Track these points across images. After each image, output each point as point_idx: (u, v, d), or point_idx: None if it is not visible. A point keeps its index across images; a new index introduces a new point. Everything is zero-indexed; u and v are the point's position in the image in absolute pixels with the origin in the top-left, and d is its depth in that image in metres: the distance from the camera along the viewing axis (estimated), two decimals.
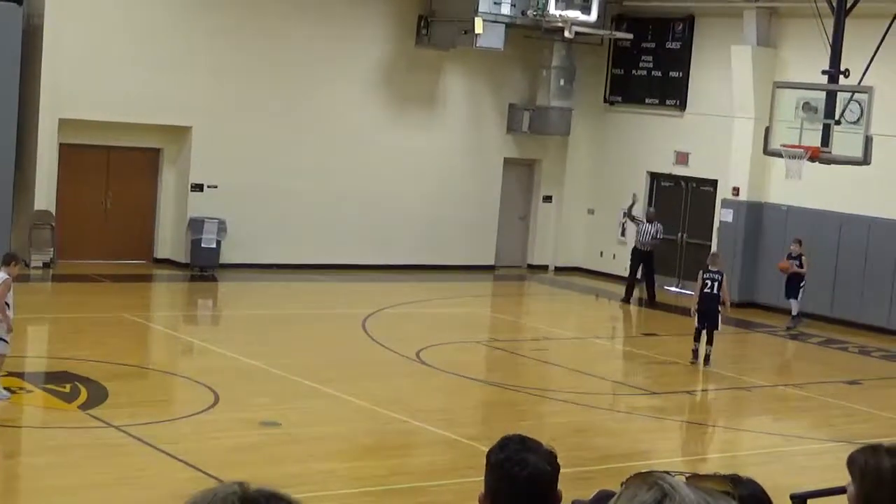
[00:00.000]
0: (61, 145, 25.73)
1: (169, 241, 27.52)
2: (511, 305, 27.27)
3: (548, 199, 31.80)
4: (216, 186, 27.08)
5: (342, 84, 28.33)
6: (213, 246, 26.82)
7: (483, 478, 4.05)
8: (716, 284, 20.70)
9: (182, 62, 26.41)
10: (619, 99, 30.86)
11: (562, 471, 4.03)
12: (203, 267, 26.81)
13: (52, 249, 25.83)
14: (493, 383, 18.84)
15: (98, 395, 15.49)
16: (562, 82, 30.10)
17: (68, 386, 15.73)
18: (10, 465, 13.32)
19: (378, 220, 28.93)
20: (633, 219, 27.72)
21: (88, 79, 25.37)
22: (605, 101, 31.13)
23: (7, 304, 14.83)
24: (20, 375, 16.48)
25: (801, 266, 25.00)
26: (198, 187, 27.15)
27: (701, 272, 21.07)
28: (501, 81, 30.42)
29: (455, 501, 12.76)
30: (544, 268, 31.50)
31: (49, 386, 16.05)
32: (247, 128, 27.21)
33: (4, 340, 14.91)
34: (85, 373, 16.39)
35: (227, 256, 26.95)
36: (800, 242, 25.15)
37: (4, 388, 14.99)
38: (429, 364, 19.14)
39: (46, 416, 15.02)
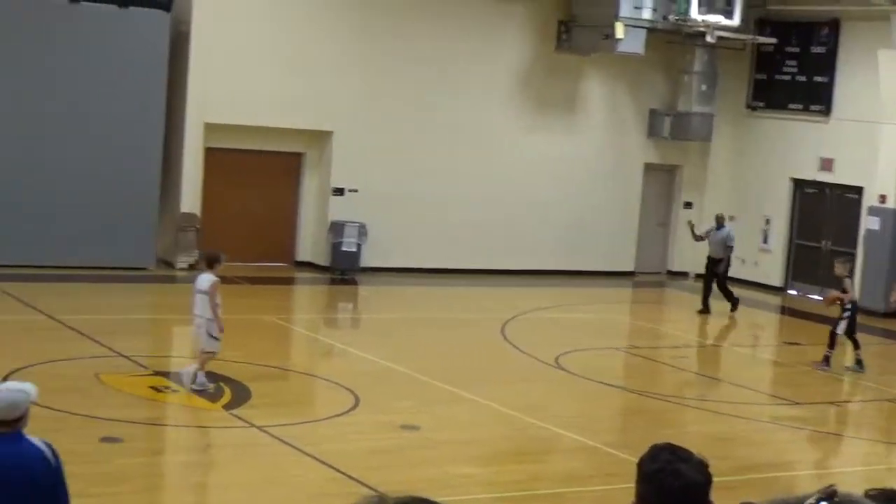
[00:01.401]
0: (206, 149, 26.20)
1: (310, 245, 27.85)
2: (650, 312, 27.04)
3: (688, 205, 31.48)
4: (357, 190, 27.33)
5: (482, 89, 28.38)
6: (354, 249, 27.06)
7: (634, 487, 4.01)
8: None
9: (325, 67, 26.70)
10: (762, 104, 30.42)
11: None
12: (343, 270, 27.07)
13: (196, 251, 26.29)
14: (633, 390, 18.69)
15: (241, 396, 15.71)
16: (703, 87, 29.79)
17: (212, 386, 15.99)
18: (156, 463, 13.58)
19: (517, 225, 28.91)
20: (701, 238, 26.55)
21: (233, 84, 25.80)
22: (748, 106, 30.70)
23: (218, 304, 15.49)
24: (166, 375, 16.80)
25: (844, 292, 21.04)
26: (339, 191, 27.43)
27: None
28: (642, 86, 30.21)
29: None
30: (684, 274, 31.17)
31: (193, 385, 16.32)
32: (388, 132, 27.41)
33: (216, 338, 15.56)
34: (229, 373, 16.64)
35: (367, 260, 27.18)
36: (844, 263, 21.84)
37: (199, 389, 15.55)
38: (568, 370, 19.07)
39: (191, 416, 15.28)
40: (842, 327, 20.70)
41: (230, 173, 26.90)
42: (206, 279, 15.70)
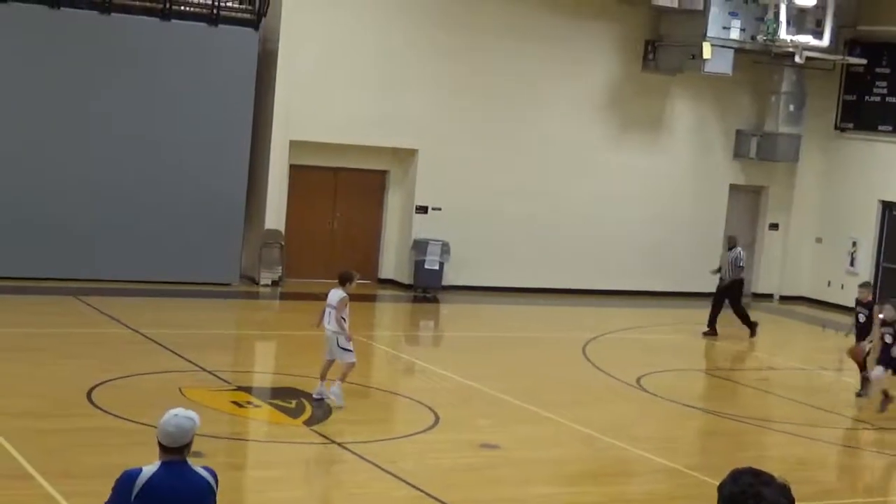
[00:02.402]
0: (291, 166, 26.41)
1: (393, 262, 27.95)
2: (734, 333, 26.77)
3: (774, 226, 31.19)
4: (440, 209, 27.40)
5: (567, 107, 28.34)
6: (436, 267, 27.11)
7: None
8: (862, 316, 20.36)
9: (410, 85, 26.82)
10: (851, 125, 30.07)
11: None
12: (426, 288, 27.12)
13: (280, 268, 26.50)
14: (714, 412, 18.52)
15: (322, 412, 15.79)
16: (791, 108, 29.52)
17: (294, 402, 16.08)
18: (236, 477, 13.68)
19: (601, 244, 28.82)
20: (718, 270, 25.82)
21: (319, 101, 25.99)
22: (836, 127, 30.37)
23: (343, 318, 16.01)
24: (248, 390, 16.93)
25: (868, 319, 19.96)
26: (422, 209, 27.51)
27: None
28: (729, 106, 30.00)
29: None
30: (769, 296, 30.87)
31: (275, 401, 16.44)
32: (472, 150, 27.45)
33: (349, 350, 16.11)
34: (310, 389, 16.72)
35: (449, 278, 27.21)
36: (869, 286, 21.39)
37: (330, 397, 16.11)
38: (649, 391, 18.94)
39: (272, 431, 15.37)
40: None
41: (315, 190, 27.09)
42: (336, 295, 16.22)
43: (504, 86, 27.63)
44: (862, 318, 20.08)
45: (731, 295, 25.35)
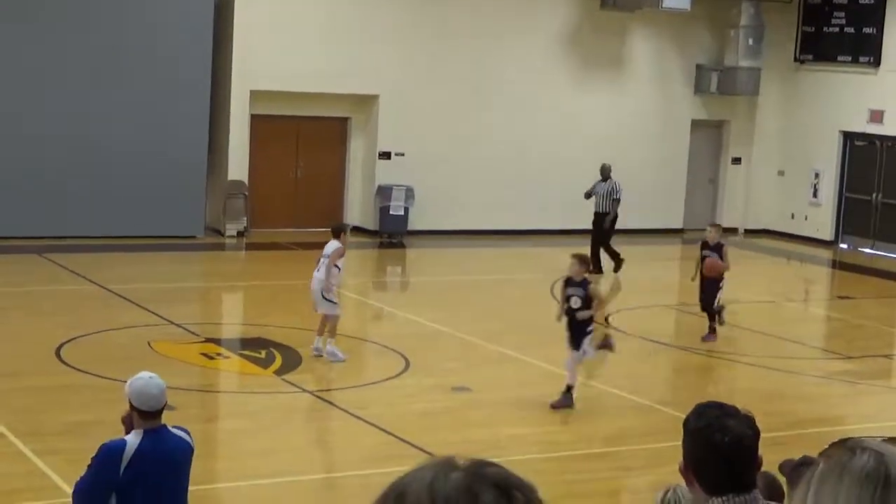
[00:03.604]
0: (252, 116, 26.27)
1: (358, 209, 27.90)
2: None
3: (737, 160, 31.28)
4: (403, 154, 27.34)
5: (526, 49, 28.25)
6: (401, 213, 27.09)
7: (681, 446, 4.01)
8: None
9: (368, 31, 26.66)
10: (811, 57, 30.10)
11: None
12: (391, 234, 27.11)
13: (245, 218, 26.42)
14: (683, 348, 18.64)
15: (292, 361, 15.79)
16: (750, 42, 29.52)
17: (264, 352, 16.09)
18: (209, 430, 13.68)
19: (563, 185, 28.81)
20: (588, 195, 24.91)
21: (278, 50, 25.81)
22: (796, 59, 30.40)
23: (337, 266, 15.85)
24: (217, 342, 16.93)
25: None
26: (385, 155, 27.44)
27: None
28: (688, 42, 29.97)
29: (646, 466, 12.69)
30: (734, 230, 30.99)
31: (245, 352, 16.43)
32: (432, 95, 27.36)
33: (334, 302, 15.85)
34: (279, 339, 16.73)
35: (414, 223, 27.19)
36: (718, 227, 19.51)
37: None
38: (617, 329, 19.03)
39: (243, 382, 15.38)
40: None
41: (276, 140, 26.97)
42: (332, 245, 16.01)
43: (463, 28, 27.50)
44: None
45: (602, 229, 24.34)
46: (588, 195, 24.75)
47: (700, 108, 30.58)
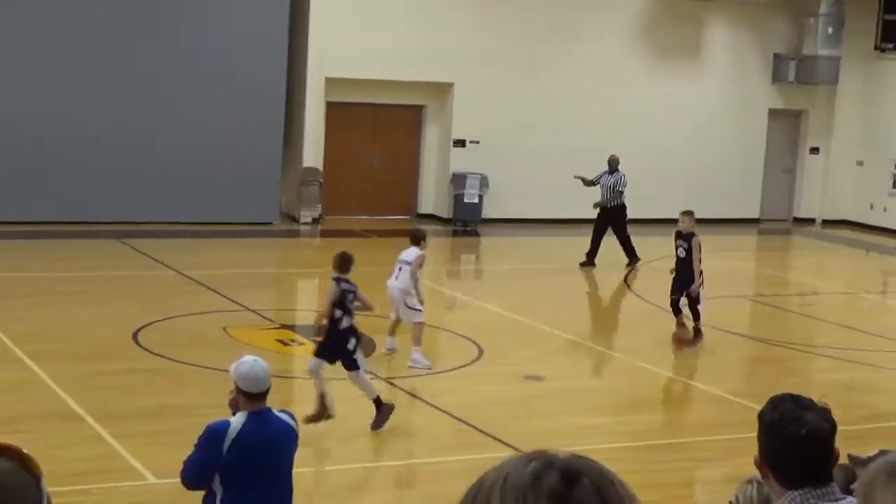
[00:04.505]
0: (328, 103, 26.37)
1: (432, 197, 27.93)
2: (776, 259, 26.69)
3: (815, 150, 30.95)
4: (478, 142, 27.33)
5: (602, 38, 28.12)
6: (476, 201, 27.09)
7: (756, 438, 3.98)
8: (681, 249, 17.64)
9: (445, 18, 26.66)
10: (891, 46, 29.68)
11: None
12: (465, 222, 27.11)
13: (319, 205, 26.53)
14: (759, 339, 18.48)
15: (366, 348, 15.80)
16: (830, 30, 29.17)
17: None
18: None
19: (639, 173, 28.64)
20: (593, 183, 23.88)
21: (354, 37, 25.89)
22: (876, 48, 29.99)
23: (417, 277, 15.12)
24: (292, 328, 17.02)
25: (689, 253, 17.59)
26: (460, 143, 27.45)
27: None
28: (766, 30, 29.68)
29: (719, 458, 12.60)
30: (811, 221, 30.69)
31: (319, 338, 16.47)
32: (507, 83, 27.32)
33: (417, 310, 15.03)
34: (358, 323, 16.75)
35: (489, 211, 27.18)
36: (690, 214, 18.21)
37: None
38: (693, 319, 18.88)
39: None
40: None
41: (352, 127, 27.06)
42: (412, 252, 15.17)
43: (539, 17, 27.42)
44: (682, 253, 17.61)
45: (615, 223, 23.50)
46: (591, 184, 23.83)
47: (777, 97, 30.28)
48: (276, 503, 7.08)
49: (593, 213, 27.91)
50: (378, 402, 12.47)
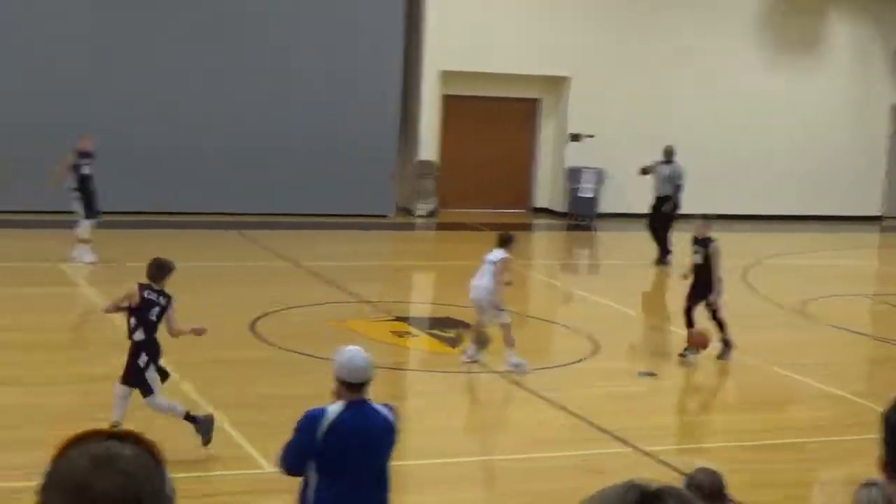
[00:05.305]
0: (444, 96, 26.42)
1: (547, 191, 27.85)
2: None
3: None
4: (594, 136, 27.17)
5: (720, 30, 27.81)
6: (591, 195, 26.94)
7: (880, 440, 3.87)
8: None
9: (560, 13, 26.57)
10: None
11: None
12: (580, 216, 26.98)
13: (435, 199, 26.60)
14: (882, 339, 18.12)
15: (481, 342, 15.79)
16: None
17: (452, 332, 16.15)
18: (398, 407, 13.82)
19: (757, 169, 28.31)
20: (646, 171, 23.24)
21: (470, 31, 25.90)
22: None
23: (500, 280, 14.47)
24: (406, 320, 17.07)
25: (706, 259, 15.88)
26: (575, 137, 27.32)
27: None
28: (889, 25, 29.09)
29: (837, 459, 12.38)
30: None
31: (434, 331, 16.54)
32: (624, 77, 27.14)
33: (503, 310, 14.58)
34: (468, 319, 16.77)
35: (604, 205, 27.01)
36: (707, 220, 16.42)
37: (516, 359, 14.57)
38: (813, 317, 18.61)
39: (431, 360, 15.47)
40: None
41: (467, 120, 27.09)
42: (497, 254, 14.63)
43: (655, 10, 27.19)
44: (698, 259, 16.02)
45: (661, 215, 22.67)
46: (645, 171, 23.27)
47: None
48: (369, 495, 7.07)
49: (707, 207, 27.67)
50: (190, 417, 11.07)
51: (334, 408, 6.99)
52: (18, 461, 10.12)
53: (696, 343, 15.41)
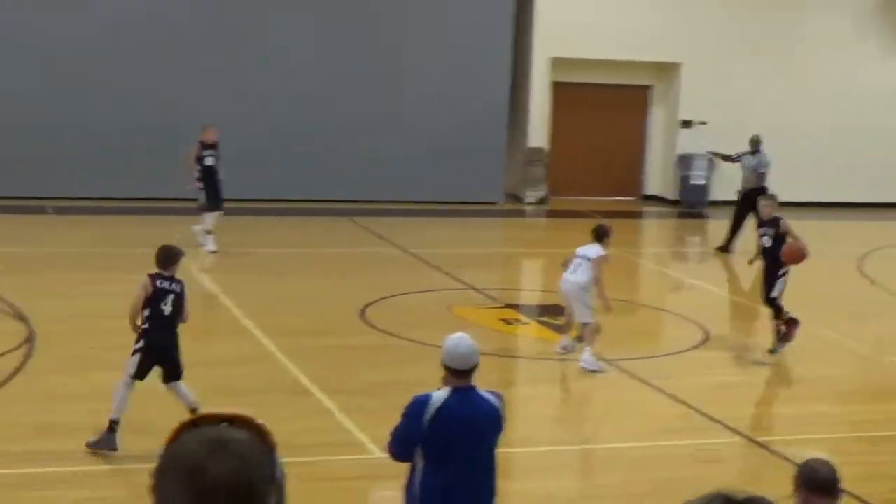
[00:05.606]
0: (553, 83, 26.34)
1: (658, 178, 27.64)
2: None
3: None
4: (706, 123, 26.90)
5: (834, 17, 27.36)
6: (703, 182, 26.68)
7: None
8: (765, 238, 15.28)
9: None
10: None
11: None
12: (692, 204, 26.74)
13: (544, 186, 26.54)
14: None
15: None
16: None
17: (562, 319, 16.10)
18: (505, 395, 13.83)
19: (872, 156, 27.82)
20: (731, 158, 22.88)
21: (580, 17, 25.79)
22: None
23: (598, 278, 13.93)
24: (516, 308, 17.07)
25: (776, 240, 15.03)
26: (687, 123, 27.07)
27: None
28: None
29: None
30: None
31: (543, 318, 16.51)
32: (736, 63, 26.82)
33: (591, 308, 14.08)
34: None
35: (716, 193, 26.73)
36: (772, 199, 15.88)
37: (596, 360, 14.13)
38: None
39: (540, 348, 15.45)
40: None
41: (577, 107, 26.98)
42: (593, 250, 14.00)
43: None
44: (767, 242, 15.23)
45: (750, 206, 21.39)
46: (729, 159, 23.03)
47: None
48: (475, 481, 7.08)
49: (821, 195, 27.30)
50: (112, 425, 10.42)
51: (440, 394, 7.02)
52: (129, 445, 10.30)
53: (793, 256, 14.68)
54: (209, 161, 19.21)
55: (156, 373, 10.71)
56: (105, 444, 10.32)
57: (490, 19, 25.26)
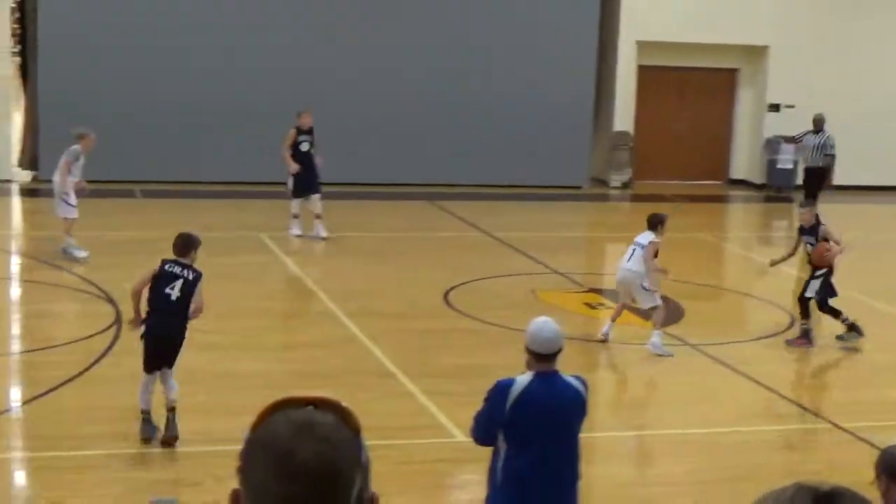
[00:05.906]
0: (639, 67, 26.19)
1: (744, 162, 27.41)
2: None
3: None
4: (793, 106, 26.59)
5: None
6: (790, 167, 26.41)
7: None
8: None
9: None
10: None
11: None
12: (779, 188, 26.49)
13: (629, 170, 26.42)
14: None
15: (675, 314, 15.68)
16: None
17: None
18: (590, 379, 13.82)
19: None
20: (796, 140, 23.66)
21: (666, 0, 25.61)
22: None
23: (650, 264, 13.93)
24: (600, 292, 17.04)
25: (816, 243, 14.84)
26: (774, 107, 26.80)
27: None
28: None
29: None
30: None
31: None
32: (825, 47, 26.48)
33: (652, 291, 14.08)
34: (663, 291, 16.64)
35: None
36: (814, 199, 15.89)
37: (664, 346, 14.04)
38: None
39: (624, 332, 15.40)
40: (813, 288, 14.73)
41: (663, 91, 26.81)
42: (646, 236, 14.15)
43: None
44: (810, 249, 15.03)
45: (812, 183, 22.43)
46: (792, 140, 23.61)
47: None
48: (558, 467, 7.06)
49: None
50: (147, 418, 10.38)
51: (523, 378, 7.02)
52: (213, 426, 10.43)
53: (819, 260, 14.52)
54: (304, 147, 19.23)
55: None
56: (141, 432, 10.28)
57: (577, 2, 25.17)
